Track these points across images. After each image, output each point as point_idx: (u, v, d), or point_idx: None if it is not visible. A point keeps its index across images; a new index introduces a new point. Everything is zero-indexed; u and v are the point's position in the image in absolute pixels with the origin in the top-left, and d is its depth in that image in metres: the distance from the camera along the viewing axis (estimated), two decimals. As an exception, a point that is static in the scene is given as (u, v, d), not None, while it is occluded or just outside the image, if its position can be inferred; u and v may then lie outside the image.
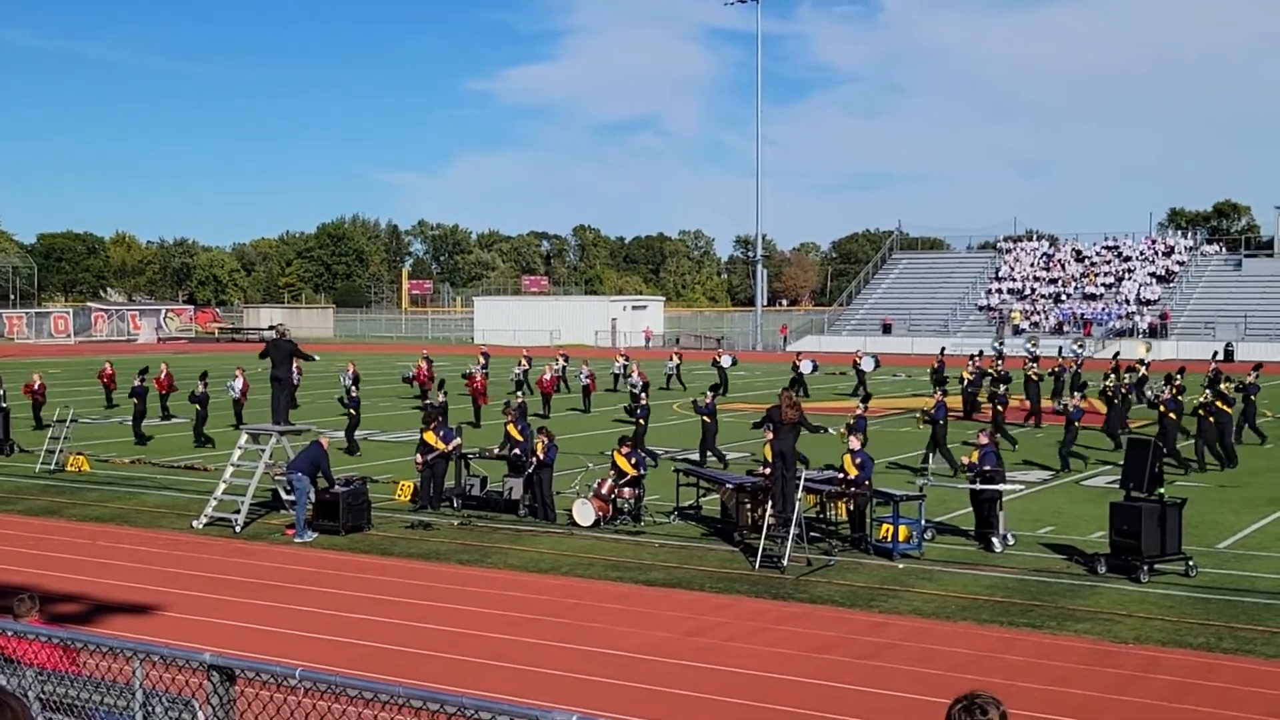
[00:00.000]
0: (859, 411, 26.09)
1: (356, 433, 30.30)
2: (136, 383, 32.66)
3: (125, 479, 25.67)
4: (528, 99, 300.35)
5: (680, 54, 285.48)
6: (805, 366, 45.34)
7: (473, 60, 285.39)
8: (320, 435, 21.39)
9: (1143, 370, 40.06)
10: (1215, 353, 57.34)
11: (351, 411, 30.14)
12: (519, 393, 33.24)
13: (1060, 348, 47.30)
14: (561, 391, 41.55)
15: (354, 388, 32.24)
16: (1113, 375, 33.38)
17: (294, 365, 23.35)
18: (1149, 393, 29.72)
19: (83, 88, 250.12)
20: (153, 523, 21.03)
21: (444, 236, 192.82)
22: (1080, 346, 54.88)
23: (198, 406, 31.45)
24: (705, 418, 27.01)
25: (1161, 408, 27.33)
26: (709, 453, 27.09)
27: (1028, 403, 35.71)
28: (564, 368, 44.01)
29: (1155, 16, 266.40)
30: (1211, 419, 27.41)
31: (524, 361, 43.71)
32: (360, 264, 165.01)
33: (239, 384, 35.06)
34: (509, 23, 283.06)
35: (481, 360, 43.46)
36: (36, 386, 36.18)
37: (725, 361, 47.96)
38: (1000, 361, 42.00)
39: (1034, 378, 35.98)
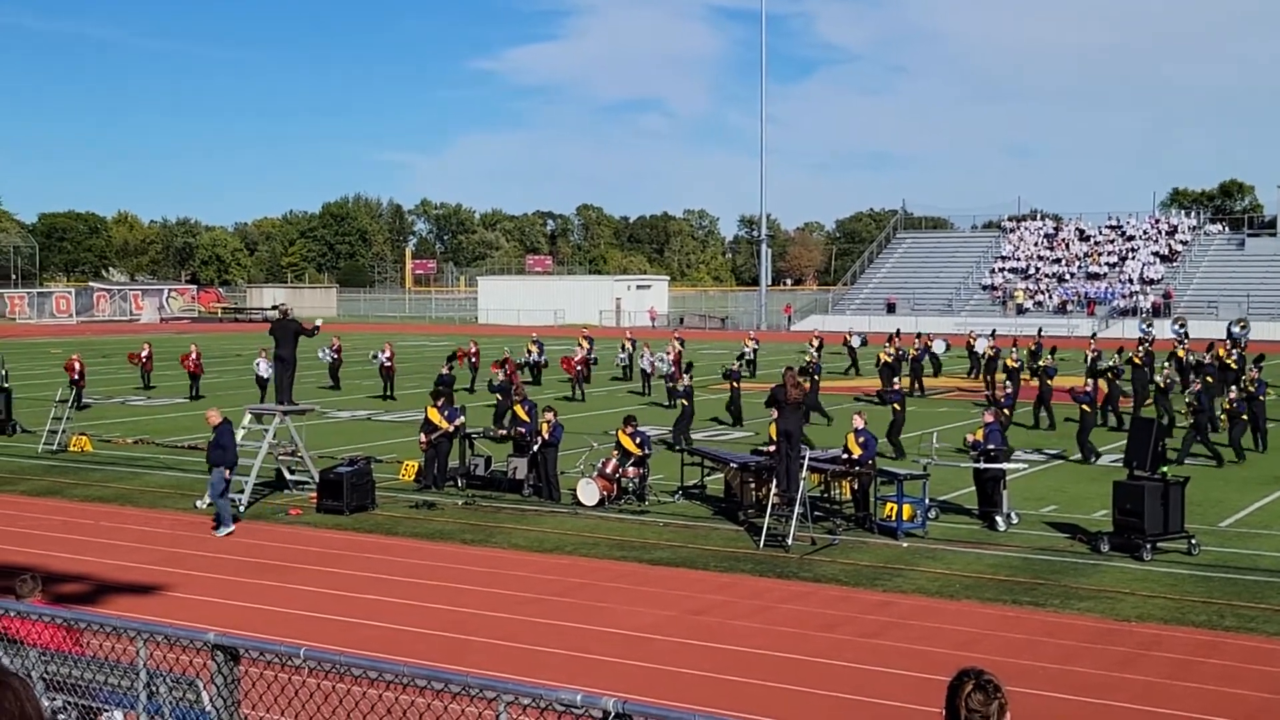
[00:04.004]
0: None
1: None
2: (445, 370, 30.79)
3: (128, 459, 25.67)
4: (531, 78, 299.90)
5: (684, 33, 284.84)
6: (938, 346, 44.58)
7: (476, 40, 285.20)
8: (211, 410, 19.63)
9: None
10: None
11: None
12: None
13: (1229, 328, 45.22)
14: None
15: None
16: None
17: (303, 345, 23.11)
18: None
19: (85, 68, 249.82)
20: (156, 503, 21.05)
21: (447, 216, 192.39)
22: (1242, 328, 49.12)
23: (498, 397, 28.74)
24: (1085, 407, 25.46)
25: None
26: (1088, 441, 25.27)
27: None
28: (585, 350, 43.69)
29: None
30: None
31: (628, 345, 43.54)
32: (364, 243, 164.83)
33: (387, 353, 36.73)
34: (512, 2, 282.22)
35: (585, 344, 43.25)
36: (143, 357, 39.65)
37: (855, 342, 47.01)
38: (1149, 345, 41.43)
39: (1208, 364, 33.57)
